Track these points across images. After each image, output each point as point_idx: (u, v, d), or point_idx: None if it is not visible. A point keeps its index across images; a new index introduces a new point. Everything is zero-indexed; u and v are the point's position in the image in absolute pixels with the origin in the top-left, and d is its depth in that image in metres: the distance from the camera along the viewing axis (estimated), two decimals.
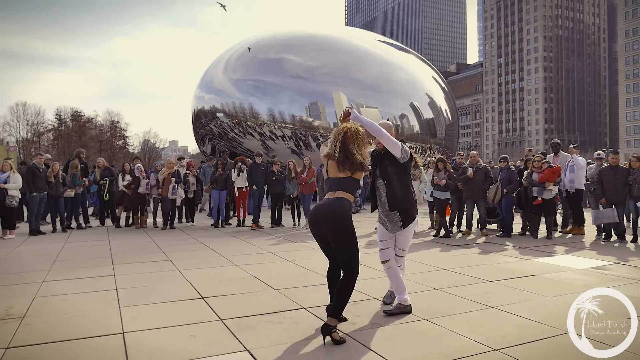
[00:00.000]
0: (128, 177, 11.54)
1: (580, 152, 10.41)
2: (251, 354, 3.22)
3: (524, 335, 3.52)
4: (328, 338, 3.36)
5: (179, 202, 11.21)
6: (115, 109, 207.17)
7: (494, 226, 10.30)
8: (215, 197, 11.20)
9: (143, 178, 11.25)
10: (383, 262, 4.15)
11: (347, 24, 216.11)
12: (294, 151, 18.47)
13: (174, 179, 10.92)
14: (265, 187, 11.70)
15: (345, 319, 3.85)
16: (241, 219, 11.43)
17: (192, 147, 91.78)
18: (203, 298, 4.68)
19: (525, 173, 9.15)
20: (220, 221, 11.25)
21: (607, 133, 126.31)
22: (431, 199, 10.09)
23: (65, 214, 10.87)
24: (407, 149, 4.17)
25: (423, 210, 12.24)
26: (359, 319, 3.96)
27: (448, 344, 3.37)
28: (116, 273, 5.99)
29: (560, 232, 9.37)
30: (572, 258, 6.79)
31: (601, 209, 8.52)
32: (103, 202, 12.28)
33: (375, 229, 9.99)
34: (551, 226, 8.85)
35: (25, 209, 12.06)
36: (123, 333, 3.67)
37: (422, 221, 11.51)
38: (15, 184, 9.76)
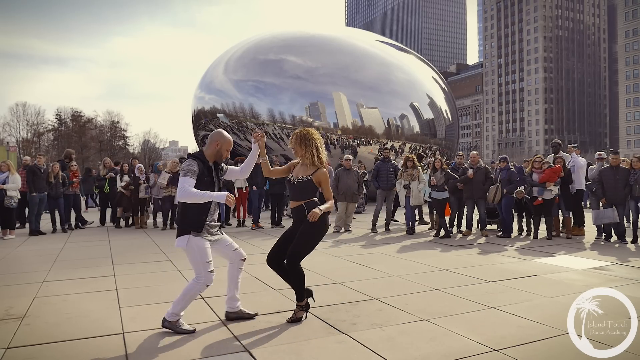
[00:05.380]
0: (126, 178, 11.54)
1: (580, 152, 10.41)
2: (251, 354, 3.22)
3: (524, 335, 3.52)
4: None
5: (176, 202, 11.18)
6: (115, 109, 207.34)
7: (494, 226, 10.30)
8: None
9: (142, 182, 11.22)
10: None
11: (347, 25, 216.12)
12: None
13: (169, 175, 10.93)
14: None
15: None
16: (241, 219, 11.43)
17: (192, 147, 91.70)
18: (203, 298, 4.68)
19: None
20: (220, 222, 11.24)
21: (607, 133, 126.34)
22: (430, 200, 10.10)
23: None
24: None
25: (423, 211, 12.23)
26: (359, 319, 3.96)
27: (448, 344, 3.37)
28: (116, 273, 5.99)
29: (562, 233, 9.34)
30: (572, 258, 6.79)
31: (601, 209, 8.52)
32: (105, 201, 12.33)
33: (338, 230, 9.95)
34: (551, 226, 8.85)
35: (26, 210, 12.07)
36: (123, 333, 3.67)
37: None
38: (14, 184, 9.76)
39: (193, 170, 3.62)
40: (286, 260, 3.93)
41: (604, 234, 8.60)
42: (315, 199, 4.04)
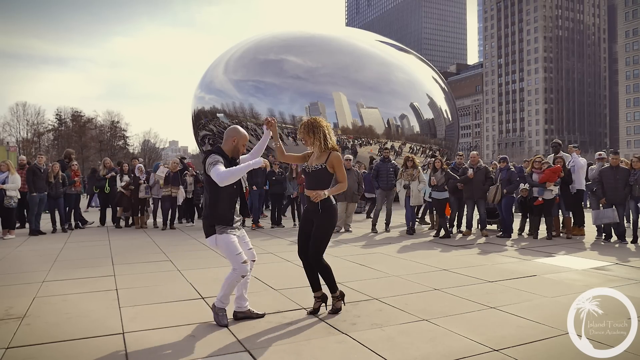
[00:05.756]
0: (126, 178, 11.54)
1: (580, 152, 10.41)
2: (251, 354, 3.22)
3: (524, 335, 3.52)
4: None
5: (180, 202, 11.19)
6: (115, 109, 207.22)
7: (494, 226, 10.30)
8: None
9: (142, 182, 11.23)
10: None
11: (347, 25, 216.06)
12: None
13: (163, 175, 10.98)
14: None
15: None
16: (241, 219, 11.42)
17: (193, 147, 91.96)
18: (203, 298, 4.68)
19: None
20: None
21: (607, 134, 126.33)
22: (430, 200, 10.11)
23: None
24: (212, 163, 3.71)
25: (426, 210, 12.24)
26: (359, 319, 3.96)
27: (448, 344, 3.37)
28: (116, 273, 5.99)
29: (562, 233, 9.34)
30: (572, 258, 6.79)
31: (601, 209, 8.52)
32: (104, 201, 12.34)
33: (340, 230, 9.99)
34: (551, 226, 8.85)
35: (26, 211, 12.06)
36: (123, 333, 3.67)
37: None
38: (13, 184, 9.76)
39: (220, 161, 3.70)
40: (310, 261, 4.06)
41: (604, 234, 8.60)
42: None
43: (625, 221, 8.85)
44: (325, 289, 4.16)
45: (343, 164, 4.07)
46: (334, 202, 4.09)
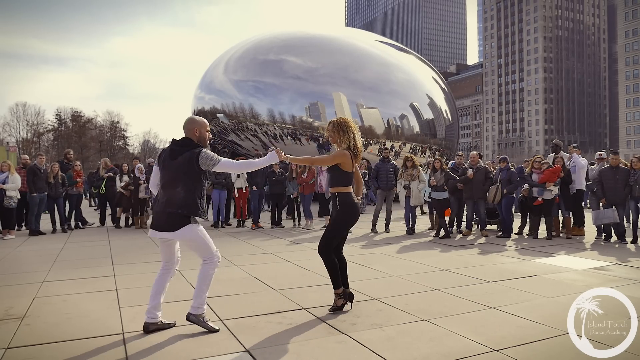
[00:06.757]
0: (125, 178, 11.53)
1: (580, 152, 10.41)
2: (251, 354, 3.22)
3: (524, 335, 3.52)
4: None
5: None
6: (115, 109, 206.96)
7: (494, 226, 10.29)
8: (216, 197, 11.19)
9: (142, 182, 11.21)
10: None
11: (347, 25, 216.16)
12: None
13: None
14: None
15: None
16: (241, 219, 11.43)
17: None
18: None
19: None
20: (220, 222, 11.25)
21: (607, 134, 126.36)
22: (430, 200, 10.10)
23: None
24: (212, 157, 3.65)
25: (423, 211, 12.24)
26: (359, 319, 3.96)
27: (448, 344, 3.37)
28: (116, 273, 5.99)
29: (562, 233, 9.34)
30: (572, 258, 6.79)
31: (601, 209, 8.52)
32: (103, 201, 12.33)
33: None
34: (551, 226, 8.85)
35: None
36: (123, 333, 3.67)
37: (422, 221, 11.51)
38: (13, 184, 9.76)
39: (219, 157, 3.66)
40: (318, 251, 4.16)
41: (604, 234, 8.60)
42: (350, 187, 4.19)
43: (625, 221, 8.85)
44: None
45: (333, 161, 4.10)
46: (353, 200, 4.15)
